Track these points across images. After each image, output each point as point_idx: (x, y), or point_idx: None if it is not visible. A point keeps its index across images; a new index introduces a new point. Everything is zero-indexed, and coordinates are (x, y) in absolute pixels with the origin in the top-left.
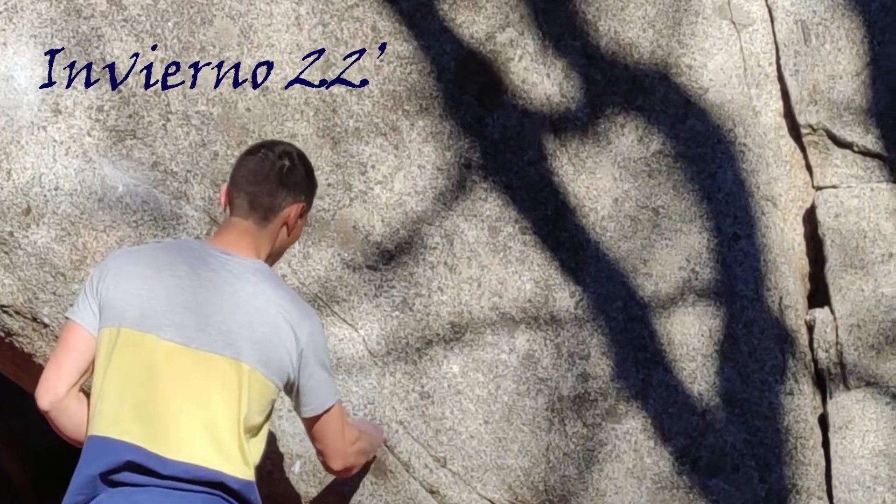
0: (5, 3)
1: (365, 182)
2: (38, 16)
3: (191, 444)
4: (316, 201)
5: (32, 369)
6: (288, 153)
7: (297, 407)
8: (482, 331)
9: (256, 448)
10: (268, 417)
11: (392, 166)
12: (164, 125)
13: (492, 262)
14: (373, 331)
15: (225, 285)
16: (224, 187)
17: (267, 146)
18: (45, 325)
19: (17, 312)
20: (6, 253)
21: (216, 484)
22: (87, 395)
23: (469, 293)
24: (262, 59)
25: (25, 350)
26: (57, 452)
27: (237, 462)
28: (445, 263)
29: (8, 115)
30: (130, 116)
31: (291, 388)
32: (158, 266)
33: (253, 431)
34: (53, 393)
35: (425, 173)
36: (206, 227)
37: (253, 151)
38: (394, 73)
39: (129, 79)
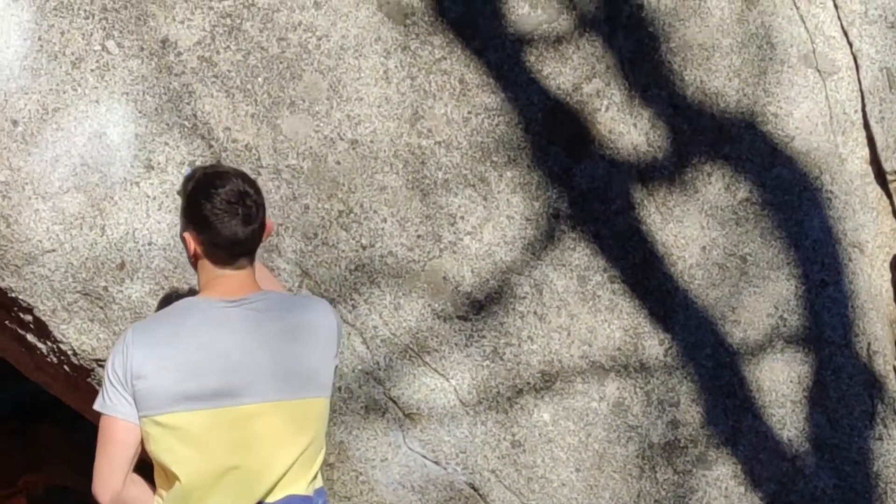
0: (97, 61)
1: (454, 233)
2: (130, 73)
3: (287, 485)
4: (406, 253)
5: None
6: (237, 192)
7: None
8: (572, 379)
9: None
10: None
11: (481, 217)
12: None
13: (581, 310)
14: (464, 380)
15: (250, 333)
16: (188, 235)
17: (216, 194)
18: None
19: None
20: (101, 308)
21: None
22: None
23: (559, 342)
24: (352, 113)
25: None
26: None
27: (316, 476)
28: (535, 313)
29: (101, 172)
30: None
31: None
32: (183, 339)
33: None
34: (112, 488)
35: (514, 223)
36: (298, 279)
37: (207, 198)
38: (482, 124)
39: (220, 134)
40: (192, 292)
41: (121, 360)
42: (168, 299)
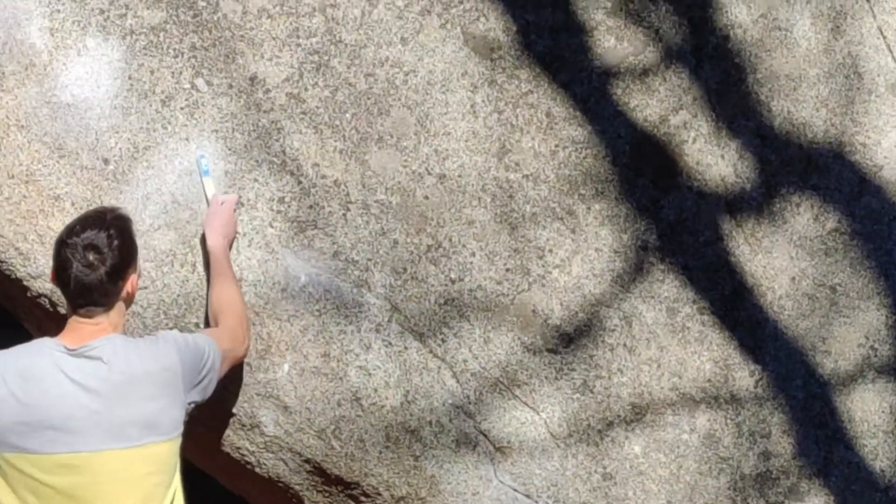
0: (187, 99)
1: (543, 266)
2: (219, 111)
3: None
4: (495, 286)
5: (220, 458)
6: (94, 247)
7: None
8: (663, 411)
9: None
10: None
11: (569, 250)
12: (343, 215)
13: (671, 342)
14: (554, 413)
15: (85, 382)
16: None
17: (75, 243)
18: (233, 415)
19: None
20: None
21: None
22: None
23: (649, 374)
24: (439, 147)
25: (213, 439)
26: None
27: None
28: (625, 345)
29: (192, 209)
30: (311, 207)
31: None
32: (26, 381)
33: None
34: None
35: (602, 256)
36: (388, 314)
37: (66, 246)
38: (569, 157)
39: (309, 170)
40: (281, 329)
41: None
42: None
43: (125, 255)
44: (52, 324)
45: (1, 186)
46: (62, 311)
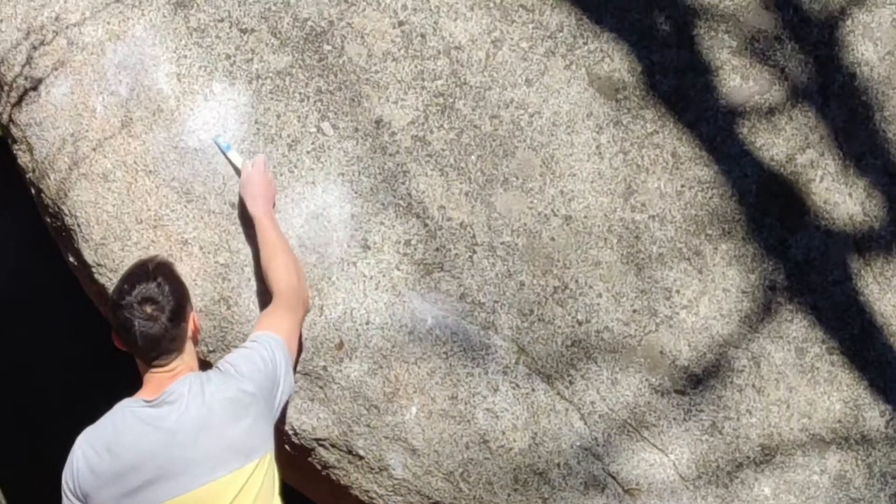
0: (313, 143)
1: (670, 307)
2: (345, 154)
3: None
4: (622, 327)
5: (349, 501)
6: (149, 299)
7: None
8: (792, 452)
9: None
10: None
11: (697, 290)
12: (470, 257)
13: (800, 383)
14: (683, 455)
15: (169, 427)
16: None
17: (129, 302)
18: (361, 458)
19: (333, 445)
20: (321, 387)
21: None
22: None
23: (778, 415)
24: (565, 189)
25: (342, 483)
26: None
27: None
28: (753, 386)
29: (318, 252)
30: (437, 249)
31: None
32: (114, 448)
33: None
34: None
35: (730, 296)
36: (515, 356)
37: (121, 308)
38: (695, 197)
39: (435, 212)
40: (408, 372)
41: (71, 474)
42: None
43: (179, 297)
44: None
45: (130, 231)
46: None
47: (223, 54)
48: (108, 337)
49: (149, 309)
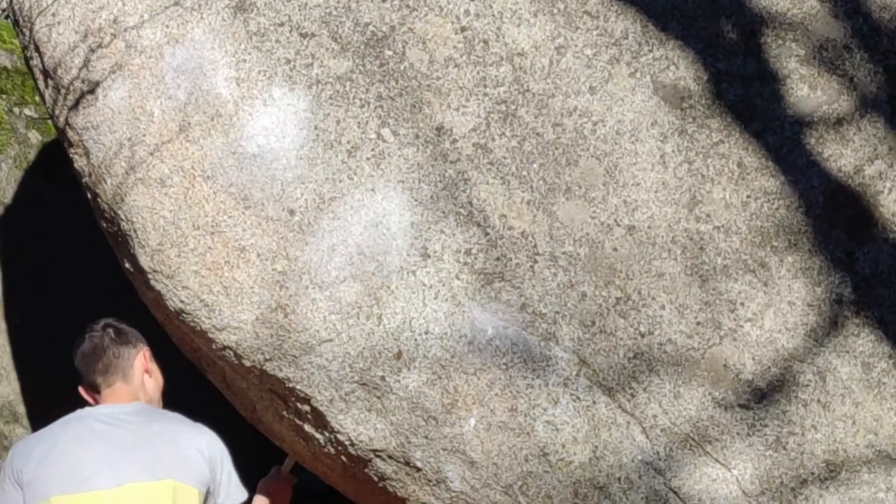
0: (373, 150)
1: (734, 320)
2: (406, 161)
3: None
4: (685, 340)
5: None
6: (107, 324)
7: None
8: (858, 469)
9: None
10: None
11: (762, 303)
12: (531, 267)
13: (866, 398)
14: (746, 470)
15: (121, 429)
16: (80, 388)
17: (88, 329)
18: (418, 469)
19: (390, 457)
20: (378, 398)
21: None
22: None
23: (843, 431)
24: (628, 198)
25: (399, 494)
26: None
27: None
28: (819, 401)
29: (378, 261)
30: (498, 259)
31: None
32: (58, 438)
33: None
34: None
35: (795, 310)
36: (576, 367)
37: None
38: (761, 208)
39: (496, 221)
40: (467, 383)
41: (9, 463)
42: None
43: (127, 329)
44: (236, 376)
45: (186, 238)
46: (247, 363)
47: (283, 59)
48: (168, 346)
49: (97, 329)
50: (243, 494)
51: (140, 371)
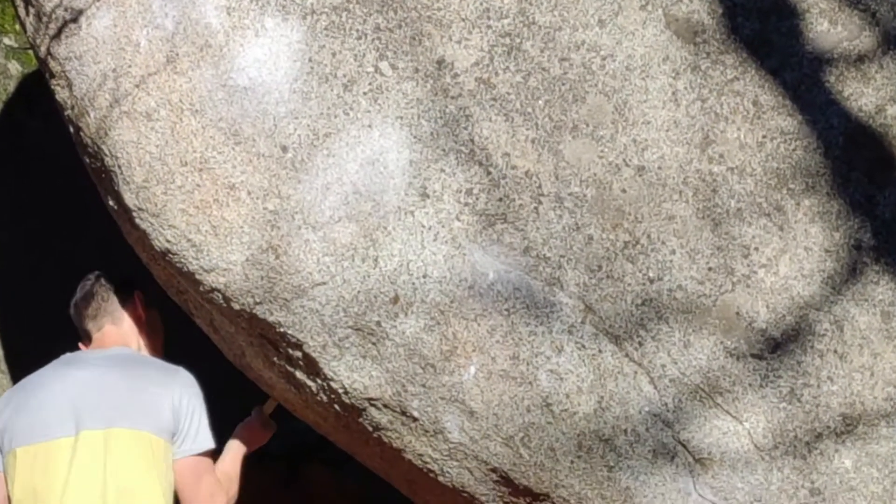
0: (370, 84)
1: (748, 266)
2: (404, 96)
3: None
4: (696, 286)
5: (401, 465)
6: (99, 274)
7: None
8: (876, 423)
9: None
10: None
11: (777, 248)
12: (535, 208)
13: (885, 349)
14: (759, 423)
15: (92, 374)
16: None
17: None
18: (415, 419)
19: (386, 406)
20: (374, 344)
21: None
22: None
23: (861, 383)
24: (638, 137)
25: (394, 445)
26: None
27: None
28: (835, 351)
29: (374, 200)
30: (501, 199)
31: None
32: (35, 384)
33: None
34: None
35: (812, 255)
36: (581, 314)
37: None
38: (777, 149)
39: (499, 160)
40: (467, 329)
41: None
42: None
43: (117, 277)
44: (224, 320)
45: (173, 174)
46: (236, 306)
47: None
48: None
49: (89, 278)
50: (210, 443)
51: (132, 314)
